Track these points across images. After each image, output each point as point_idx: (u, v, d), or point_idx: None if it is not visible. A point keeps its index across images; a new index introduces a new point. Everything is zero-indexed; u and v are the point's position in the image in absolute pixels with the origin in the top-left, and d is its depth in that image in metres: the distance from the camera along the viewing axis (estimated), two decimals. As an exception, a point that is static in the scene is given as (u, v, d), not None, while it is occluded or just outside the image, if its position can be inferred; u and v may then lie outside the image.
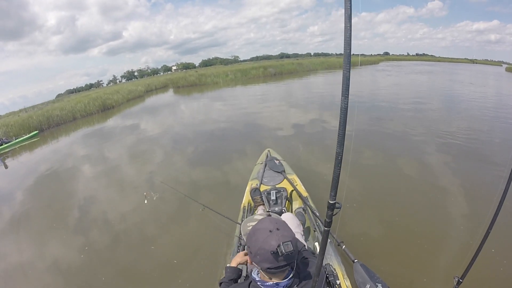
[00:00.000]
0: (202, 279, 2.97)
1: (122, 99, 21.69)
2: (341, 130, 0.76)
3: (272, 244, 1.13)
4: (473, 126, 7.90)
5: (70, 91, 67.38)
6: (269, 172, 3.60)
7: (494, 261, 2.67)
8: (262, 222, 1.25)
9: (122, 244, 3.95)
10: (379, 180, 4.78)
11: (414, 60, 64.40)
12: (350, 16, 0.67)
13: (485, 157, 5.31)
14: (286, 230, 1.20)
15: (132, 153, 8.34)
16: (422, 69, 34.23)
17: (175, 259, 3.37)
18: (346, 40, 0.69)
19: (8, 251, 4.23)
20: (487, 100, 12.45)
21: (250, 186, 3.33)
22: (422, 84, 20.19)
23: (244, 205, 3.15)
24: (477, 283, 2.32)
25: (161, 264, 3.35)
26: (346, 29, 0.68)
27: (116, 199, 5.47)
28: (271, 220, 1.25)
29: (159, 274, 3.21)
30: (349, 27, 0.68)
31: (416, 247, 3.12)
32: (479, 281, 2.38)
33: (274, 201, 2.82)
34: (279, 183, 3.30)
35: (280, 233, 1.16)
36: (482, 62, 65.65)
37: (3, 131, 13.28)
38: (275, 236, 1.15)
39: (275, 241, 1.13)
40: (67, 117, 16.22)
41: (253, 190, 2.95)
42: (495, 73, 30.68)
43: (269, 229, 1.19)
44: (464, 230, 3.20)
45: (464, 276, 1.66)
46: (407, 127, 8.03)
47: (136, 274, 3.29)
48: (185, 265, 3.24)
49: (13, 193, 6.60)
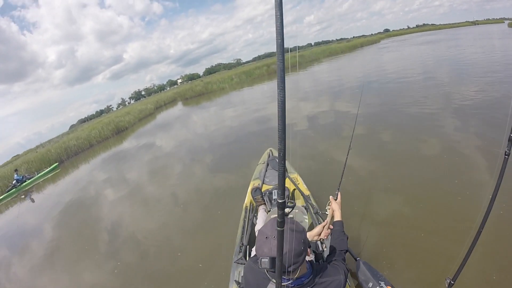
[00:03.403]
0: (224, 280, 2.92)
1: (134, 119, 22.10)
2: (280, 125, 0.73)
3: (264, 251, 1.13)
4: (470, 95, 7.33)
5: (82, 120, 69.70)
6: (271, 171, 3.56)
7: (486, 262, 2.50)
8: (266, 226, 1.23)
9: (151, 255, 4.08)
10: (379, 180, 4.45)
11: (415, 32, 63.21)
12: (280, 4, 0.63)
13: (476, 159, 4.47)
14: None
15: (151, 170, 8.33)
16: (423, 40, 33.44)
17: (200, 263, 3.49)
18: (278, 30, 0.65)
19: (46, 281, 4.30)
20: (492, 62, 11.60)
21: (252, 186, 3.32)
22: (422, 55, 19.60)
23: (246, 205, 3.18)
24: (468, 284, 2.28)
25: (188, 269, 3.49)
26: (276, 18, 0.64)
27: (141, 216, 5.48)
28: (273, 225, 1.17)
29: (187, 279, 3.33)
30: (279, 16, 0.64)
31: (411, 246, 3.00)
32: (471, 282, 2.32)
33: (276, 201, 2.76)
34: None
35: (274, 242, 1.11)
36: (484, 22, 64.23)
37: (25, 168, 13.70)
38: (268, 244, 1.14)
39: (267, 249, 1.13)
40: (83, 145, 16.61)
41: (254, 189, 3.00)
42: (497, 31, 29.33)
43: (266, 235, 1.17)
44: (457, 230, 2.99)
45: (455, 278, 1.60)
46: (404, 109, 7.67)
47: (166, 281, 3.44)
48: (209, 268, 3.34)
49: (42, 224, 6.73)
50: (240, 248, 2.47)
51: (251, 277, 1.38)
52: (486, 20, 68.94)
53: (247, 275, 1.43)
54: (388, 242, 3.06)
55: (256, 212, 2.96)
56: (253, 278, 1.37)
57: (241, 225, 2.88)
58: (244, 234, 2.67)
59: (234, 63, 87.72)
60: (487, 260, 2.51)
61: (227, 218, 4.18)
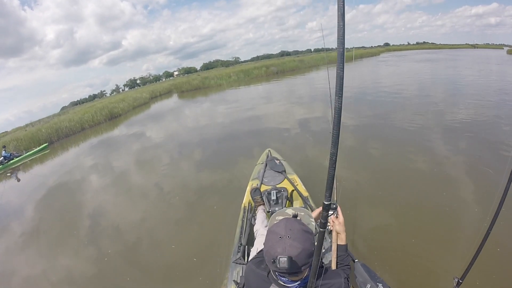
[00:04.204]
0: (220, 276, 2.98)
1: (128, 107, 21.79)
2: (335, 130, 0.74)
3: (277, 251, 1.11)
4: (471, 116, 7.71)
5: (74, 103, 68.22)
6: (270, 172, 3.57)
7: (495, 262, 2.58)
8: (278, 225, 1.21)
9: (144, 245, 4.04)
10: (379, 179, 4.62)
11: (415, 49, 63.92)
12: (343, 15, 0.65)
13: (485, 159, 4.87)
14: (297, 240, 1.13)
15: (145, 160, 8.28)
16: (422, 57, 33.98)
17: (194, 257, 3.47)
18: (340, 38, 0.67)
19: (34, 260, 4.23)
20: (488, 86, 12.15)
21: (251, 186, 3.32)
22: (420, 72, 20.11)
23: (245, 205, 3.17)
24: (477, 284, 2.30)
25: (182, 263, 3.46)
26: (339, 27, 0.66)
27: (134, 204, 5.46)
28: (286, 225, 1.19)
29: (180, 272, 3.32)
30: (342, 26, 0.66)
31: (416, 247, 3.09)
32: (479, 282, 2.34)
33: (275, 201, 2.82)
34: (279, 183, 3.27)
35: (288, 242, 1.12)
36: (483, 46, 65.50)
37: (14, 145, 13.38)
38: (282, 244, 1.12)
39: (281, 248, 1.11)
40: (75, 128, 16.32)
41: (253, 190, 2.97)
42: (496, 56, 30.16)
43: (279, 235, 1.15)
44: (465, 230, 3.11)
45: (464, 277, 1.61)
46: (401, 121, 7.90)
47: (158, 273, 3.41)
48: (204, 263, 3.32)
49: (25, 205, 6.64)
50: (238, 248, 2.46)
51: (252, 280, 1.39)
52: (486, 45, 70.35)
53: (248, 278, 1.44)
54: (387, 244, 3.12)
55: (254, 212, 2.93)
56: (254, 281, 1.38)
57: (240, 225, 2.86)
58: (242, 234, 2.65)
59: (232, 60, 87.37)
60: (496, 259, 2.57)
61: (222, 214, 4.19)
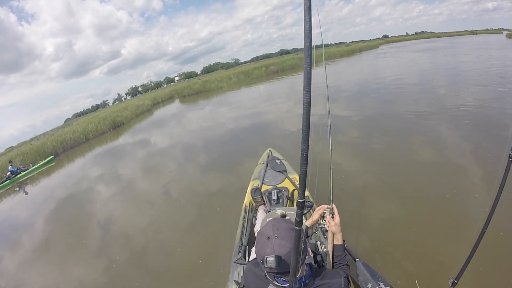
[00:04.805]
0: (223, 277, 2.96)
1: (131, 115, 21.95)
2: (305, 126, 0.72)
3: (266, 251, 1.13)
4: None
5: (78, 114, 69.01)
6: (271, 171, 3.54)
7: (490, 262, 2.53)
8: (266, 226, 1.23)
9: (151, 249, 4.08)
10: (378, 177, 4.53)
11: (414, 39, 63.56)
12: (309, 8, 0.63)
13: (479, 157, 4.60)
14: (285, 239, 1.14)
15: (149, 166, 8.30)
16: (421, 47, 33.63)
17: (200, 260, 3.50)
18: (306, 32, 0.65)
19: (45, 271, 4.27)
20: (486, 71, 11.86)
21: (252, 186, 3.31)
22: (420, 61, 19.89)
23: (246, 205, 3.18)
24: (472, 284, 2.28)
25: (189, 265, 3.49)
26: (305, 21, 0.64)
27: (140, 210, 5.47)
28: (273, 225, 1.20)
29: (187, 275, 3.34)
30: (308, 19, 0.64)
31: (416, 235, 3.09)
32: (475, 282, 2.33)
33: (276, 201, 2.83)
34: (280, 183, 3.25)
35: (277, 242, 1.13)
36: (482, 32, 64.94)
37: (20, 159, 13.52)
38: (270, 244, 1.14)
39: (270, 248, 1.13)
40: (80, 139, 16.45)
41: (254, 190, 2.98)
42: (495, 41, 29.70)
43: (267, 236, 1.17)
44: (461, 230, 3.04)
45: (459, 277, 1.61)
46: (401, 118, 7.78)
47: (166, 275, 3.45)
48: (209, 265, 3.35)
49: (34, 218, 6.68)
50: (239, 248, 2.46)
51: (251, 280, 1.41)
52: (485, 30, 69.74)
53: (247, 278, 1.46)
54: (387, 242, 3.08)
55: (255, 212, 2.94)
56: (252, 281, 1.39)
57: (241, 225, 2.86)
58: (243, 234, 2.66)
59: (232, 62, 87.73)
60: (491, 259, 2.53)
61: (226, 215, 4.21)
